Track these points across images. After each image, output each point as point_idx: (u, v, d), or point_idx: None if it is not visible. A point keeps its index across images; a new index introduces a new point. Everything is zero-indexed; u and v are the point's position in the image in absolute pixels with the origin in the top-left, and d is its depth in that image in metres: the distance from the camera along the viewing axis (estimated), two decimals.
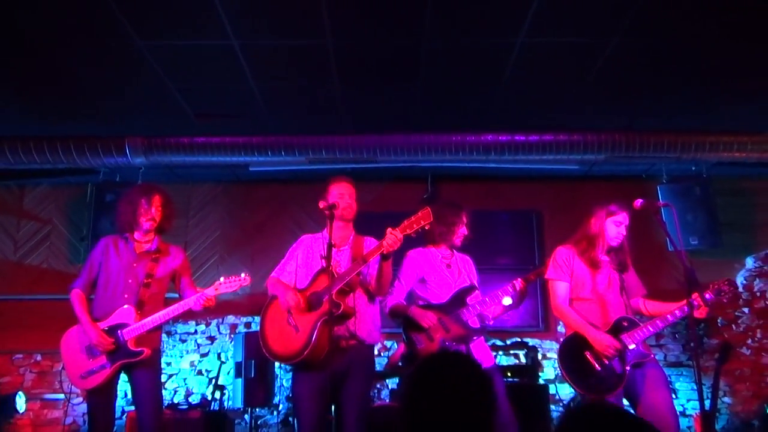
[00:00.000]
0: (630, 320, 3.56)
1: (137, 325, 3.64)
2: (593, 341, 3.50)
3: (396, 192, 6.47)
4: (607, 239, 3.69)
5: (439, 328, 3.69)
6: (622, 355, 3.47)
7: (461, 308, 3.76)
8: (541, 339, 6.29)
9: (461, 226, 3.95)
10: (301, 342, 3.24)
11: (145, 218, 3.78)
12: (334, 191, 3.52)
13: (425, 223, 3.16)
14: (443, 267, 3.94)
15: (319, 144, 5.56)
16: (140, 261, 3.81)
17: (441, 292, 3.86)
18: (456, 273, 3.97)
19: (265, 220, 6.71)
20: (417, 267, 3.92)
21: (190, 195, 6.78)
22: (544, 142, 5.53)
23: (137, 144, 5.57)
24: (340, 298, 3.22)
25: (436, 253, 3.97)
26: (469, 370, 1.66)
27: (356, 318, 3.37)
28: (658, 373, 3.50)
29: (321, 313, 3.24)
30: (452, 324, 3.72)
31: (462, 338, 3.71)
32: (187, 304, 3.69)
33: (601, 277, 3.68)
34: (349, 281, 3.27)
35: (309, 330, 3.24)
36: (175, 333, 6.43)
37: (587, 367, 3.50)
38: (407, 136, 5.55)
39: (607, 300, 3.63)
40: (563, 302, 3.68)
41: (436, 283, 3.89)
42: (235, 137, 5.58)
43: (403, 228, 3.18)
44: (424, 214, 3.17)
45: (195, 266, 6.37)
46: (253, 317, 6.44)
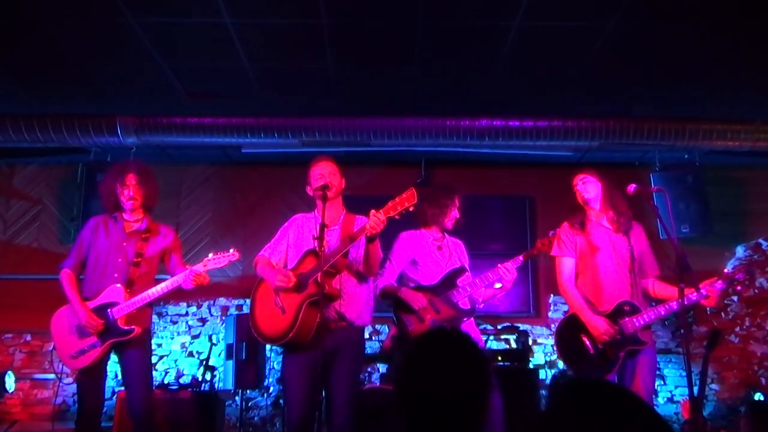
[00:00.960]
0: (632, 305, 3.53)
1: (127, 303, 3.62)
2: (589, 325, 3.51)
3: (389, 176, 6.45)
4: (589, 203, 3.73)
5: (429, 310, 3.70)
6: (618, 341, 3.46)
7: (451, 290, 3.77)
8: (532, 324, 6.31)
9: (453, 209, 3.95)
10: (286, 323, 3.25)
11: (124, 198, 3.76)
12: (315, 172, 3.49)
13: (409, 205, 3.13)
14: (434, 249, 3.94)
15: (313, 126, 5.52)
16: (130, 240, 3.79)
17: (432, 274, 3.86)
18: (447, 255, 3.97)
19: (258, 202, 6.68)
20: (408, 248, 3.92)
21: (182, 176, 6.74)
22: (539, 128, 5.51)
23: (128, 123, 5.51)
24: (325, 280, 3.21)
25: (427, 235, 3.98)
26: (466, 347, 1.64)
27: (344, 300, 3.36)
28: (648, 359, 3.52)
29: (306, 295, 3.25)
30: (442, 305, 3.72)
31: (452, 319, 3.72)
32: (176, 282, 3.67)
33: (607, 253, 3.65)
34: (335, 263, 3.26)
35: (294, 311, 3.24)
36: (166, 314, 6.42)
37: (581, 349, 3.52)
38: (401, 119, 5.52)
39: (613, 278, 3.60)
40: (568, 280, 3.69)
41: (427, 265, 3.89)
42: (228, 118, 5.53)
43: (387, 210, 3.15)
44: (408, 195, 3.15)
45: (186, 248, 6.34)
46: (244, 300, 6.43)
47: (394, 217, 3.16)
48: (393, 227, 3.34)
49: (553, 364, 6.19)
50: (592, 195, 3.73)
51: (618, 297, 3.55)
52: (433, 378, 1.55)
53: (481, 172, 6.59)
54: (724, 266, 6.46)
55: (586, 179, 3.76)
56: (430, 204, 3.89)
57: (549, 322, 6.38)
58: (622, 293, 3.56)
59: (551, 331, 6.32)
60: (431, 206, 3.90)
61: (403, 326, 3.71)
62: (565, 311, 6.30)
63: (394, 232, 3.59)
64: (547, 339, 6.33)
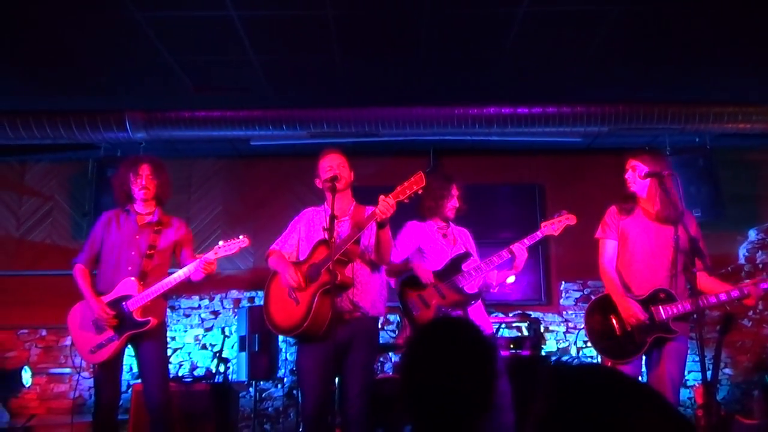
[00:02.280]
0: (668, 293, 3.48)
1: (141, 295, 3.65)
2: (621, 307, 3.49)
3: (398, 166, 6.44)
4: (637, 194, 3.64)
5: (434, 294, 3.71)
6: (646, 326, 3.44)
7: (456, 275, 3.78)
8: (544, 312, 6.32)
9: (451, 198, 3.95)
10: (300, 313, 3.27)
11: (137, 188, 3.78)
12: (324, 164, 3.51)
13: (418, 188, 3.14)
14: (439, 237, 3.98)
15: (321, 117, 5.53)
16: (142, 233, 3.82)
17: (437, 261, 3.88)
18: (452, 242, 3.99)
19: (267, 194, 6.71)
20: (414, 237, 3.96)
21: (192, 170, 6.78)
22: (547, 115, 5.49)
23: (137, 118, 5.55)
24: (338, 269, 3.23)
25: (432, 225, 4.02)
26: (471, 335, 1.63)
27: (357, 289, 3.38)
28: (678, 347, 3.47)
29: (319, 284, 3.26)
30: (448, 290, 3.74)
31: (458, 303, 3.73)
32: (189, 271, 3.69)
33: (649, 241, 3.59)
34: (347, 251, 3.27)
35: (308, 301, 3.26)
36: (179, 308, 6.47)
37: (609, 330, 3.51)
38: (409, 109, 5.52)
39: (651, 266, 3.55)
40: (608, 262, 3.64)
41: (433, 253, 3.92)
42: (236, 111, 5.55)
43: (396, 194, 3.16)
44: (416, 178, 3.15)
45: (197, 241, 6.35)
46: (256, 292, 6.48)
47: (403, 201, 3.16)
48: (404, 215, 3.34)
49: (566, 351, 6.20)
50: (638, 185, 3.61)
51: (655, 284, 3.51)
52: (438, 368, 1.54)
53: (490, 159, 6.58)
54: (737, 250, 6.44)
55: (636, 167, 3.60)
56: (426, 196, 3.89)
57: (560, 309, 6.38)
58: (660, 281, 3.51)
59: (563, 318, 6.33)
60: (427, 198, 3.91)
61: (408, 312, 3.73)
62: (577, 298, 6.34)
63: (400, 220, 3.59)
64: (559, 326, 6.33)
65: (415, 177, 3.16)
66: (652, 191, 3.58)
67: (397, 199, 3.15)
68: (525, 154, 6.59)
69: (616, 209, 3.70)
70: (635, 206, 3.65)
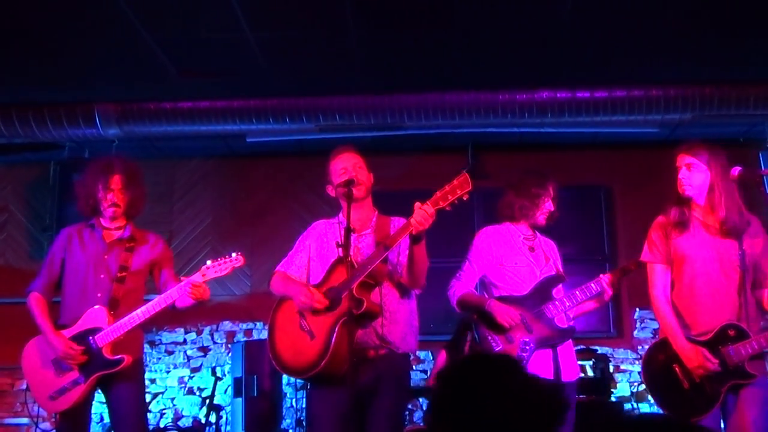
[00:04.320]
0: (738, 329, 3.40)
1: (112, 327, 3.66)
2: (683, 354, 3.41)
3: (428, 165, 6.42)
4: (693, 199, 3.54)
5: (519, 327, 3.68)
6: (718, 374, 3.37)
7: (546, 303, 3.73)
8: (614, 347, 6.25)
9: (547, 200, 3.91)
10: (316, 350, 3.23)
11: (106, 204, 3.81)
12: (336, 166, 3.50)
13: (462, 193, 3.09)
14: (525, 250, 3.90)
15: (332, 107, 5.54)
16: (111, 251, 3.84)
17: (521, 282, 3.82)
18: (541, 258, 3.92)
19: (267, 203, 6.73)
20: (493, 247, 3.88)
21: (175, 174, 6.82)
22: (614, 100, 5.45)
23: (109, 111, 5.60)
24: (362, 294, 3.19)
25: (515, 232, 3.94)
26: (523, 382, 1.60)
27: (385, 318, 3.34)
28: (757, 392, 3.38)
29: (340, 314, 3.21)
30: (535, 322, 3.69)
31: (547, 341, 3.68)
32: (170, 297, 3.69)
33: (709, 261, 3.49)
34: (373, 272, 3.24)
35: (326, 335, 3.23)
36: (160, 343, 6.50)
37: (674, 383, 3.45)
38: (442, 94, 5.50)
39: (715, 294, 3.46)
40: (660, 293, 3.57)
41: (516, 270, 3.84)
42: (228, 101, 5.58)
43: (436, 200, 3.11)
44: (461, 180, 3.10)
45: (181, 261, 6.41)
46: (254, 323, 6.49)
47: (444, 209, 3.13)
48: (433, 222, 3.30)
49: (642, 397, 6.11)
50: (695, 187, 3.52)
51: (721, 317, 3.43)
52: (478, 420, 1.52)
53: (542, 157, 6.51)
54: None
55: (693, 165, 3.50)
56: (519, 194, 3.87)
57: (635, 343, 6.29)
58: (727, 312, 3.43)
59: (638, 354, 6.24)
60: (520, 196, 3.87)
61: (486, 346, 3.69)
62: (656, 329, 6.25)
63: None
64: (633, 365, 6.24)
65: (459, 178, 3.11)
66: (716, 196, 3.47)
67: (437, 206, 3.11)
68: (587, 149, 6.53)
69: (664, 223, 3.60)
70: (689, 216, 3.55)
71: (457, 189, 3.09)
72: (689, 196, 3.54)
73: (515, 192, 3.90)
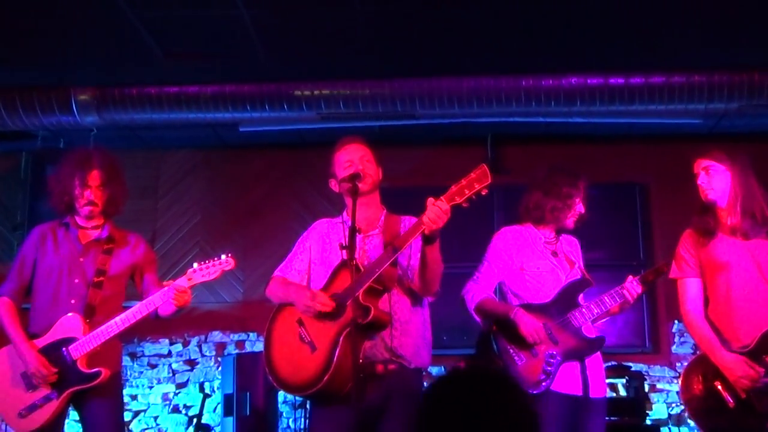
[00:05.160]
0: None
1: (88, 337, 3.65)
2: (723, 367, 3.44)
3: (443, 159, 6.41)
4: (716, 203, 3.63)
5: (544, 339, 3.67)
6: (766, 386, 3.38)
7: (572, 310, 3.73)
8: (649, 364, 6.23)
9: (579, 200, 3.92)
10: (318, 364, 3.21)
11: (82, 202, 3.81)
12: (341, 159, 3.49)
13: (481, 187, 3.07)
14: (548, 254, 3.91)
15: (336, 93, 5.53)
16: (88, 253, 3.83)
17: (544, 288, 3.82)
18: (565, 263, 3.93)
19: (262, 199, 6.73)
20: (514, 250, 3.89)
21: (160, 167, 6.83)
22: (652, 87, 5.42)
23: (87, 96, 5.60)
24: (369, 301, 3.17)
25: (536, 235, 3.94)
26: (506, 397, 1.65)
27: (395, 329, 3.33)
28: None
29: (344, 323, 3.19)
30: (561, 332, 3.69)
31: (575, 352, 3.68)
32: (151, 304, 3.68)
33: (743, 268, 3.55)
34: (381, 277, 3.22)
35: (329, 347, 3.20)
36: (142, 355, 6.51)
37: (718, 404, 3.45)
38: (458, 80, 5.48)
39: (753, 302, 3.51)
40: (693, 309, 3.63)
41: (539, 275, 3.85)
42: (220, 85, 5.58)
43: (451, 195, 3.07)
44: (479, 174, 3.08)
45: (166, 264, 6.42)
46: (247, 333, 6.49)
47: (461, 205, 3.10)
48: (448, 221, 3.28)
49: (681, 420, 6.08)
50: (717, 190, 3.62)
51: (761, 325, 3.47)
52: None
53: (570, 150, 6.50)
54: None
55: (711, 167, 3.63)
56: (549, 194, 3.86)
57: (673, 359, 6.27)
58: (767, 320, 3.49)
59: (676, 372, 6.22)
60: (550, 197, 3.86)
61: (508, 361, 3.69)
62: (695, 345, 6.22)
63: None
64: (670, 384, 6.22)
65: (476, 171, 3.09)
66: (733, 196, 3.59)
67: (452, 203, 3.08)
68: (620, 142, 6.53)
69: (692, 235, 3.69)
70: (716, 222, 3.63)
71: (475, 183, 3.07)
72: (712, 200, 3.64)
73: (544, 192, 3.88)
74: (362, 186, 3.35)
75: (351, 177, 3.34)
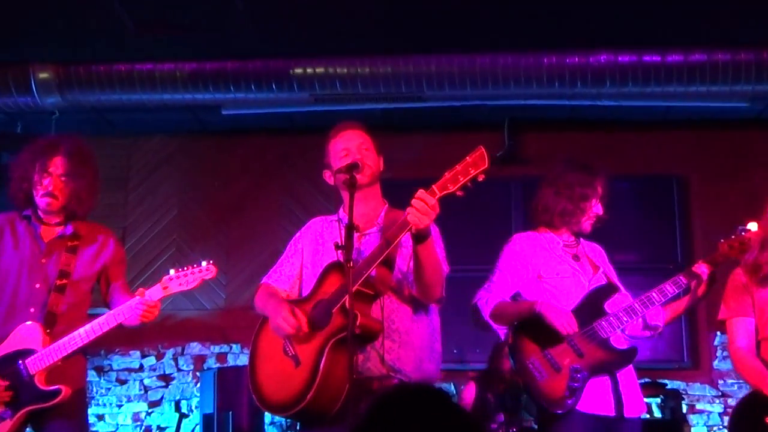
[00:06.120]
0: None
1: (47, 350, 3.65)
2: None
3: (453, 148, 6.22)
4: None
5: (567, 351, 3.68)
6: None
7: (598, 319, 3.74)
8: (688, 381, 6.23)
9: (595, 201, 3.92)
10: (301, 380, 3.21)
11: (40, 191, 3.78)
12: (337, 147, 3.48)
13: (477, 172, 3.03)
14: (568, 259, 3.93)
15: (331, 72, 5.53)
16: (51, 253, 3.81)
17: (566, 295, 3.83)
18: (588, 267, 3.95)
19: (248, 193, 6.73)
20: (529, 257, 3.90)
21: (131, 155, 6.83)
22: (691, 65, 5.42)
23: (48, 74, 5.60)
24: (359, 306, 3.17)
25: (554, 239, 3.96)
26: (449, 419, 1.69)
27: (393, 340, 3.32)
28: None
29: (329, 333, 3.20)
30: (586, 344, 3.69)
31: (603, 366, 3.69)
32: (120, 315, 3.67)
33: None
34: (370, 279, 3.22)
35: (312, 360, 3.20)
36: (110, 369, 6.51)
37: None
38: (471, 57, 5.48)
39: None
40: (742, 343, 3.65)
41: (559, 282, 3.87)
42: (199, 62, 5.58)
43: (444, 184, 3.03)
44: (475, 157, 3.04)
45: (137, 267, 6.43)
46: (229, 345, 6.49)
47: (454, 194, 3.08)
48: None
49: None
50: None
51: None
52: None
53: (598, 138, 6.51)
54: None
55: None
56: (559, 195, 3.87)
57: (714, 376, 6.27)
58: None
59: (718, 390, 6.22)
60: (561, 198, 3.87)
61: (527, 378, 3.70)
62: None
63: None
64: (712, 404, 6.23)
65: (473, 155, 3.05)
66: None
67: (444, 192, 3.05)
68: (656, 129, 6.53)
69: (743, 274, 3.68)
70: None
71: (470, 168, 3.04)
72: None
73: (554, 191, 3.88)
74: (361, 178, 3.34)
75: (348, 167, 3.33)
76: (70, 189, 3.81)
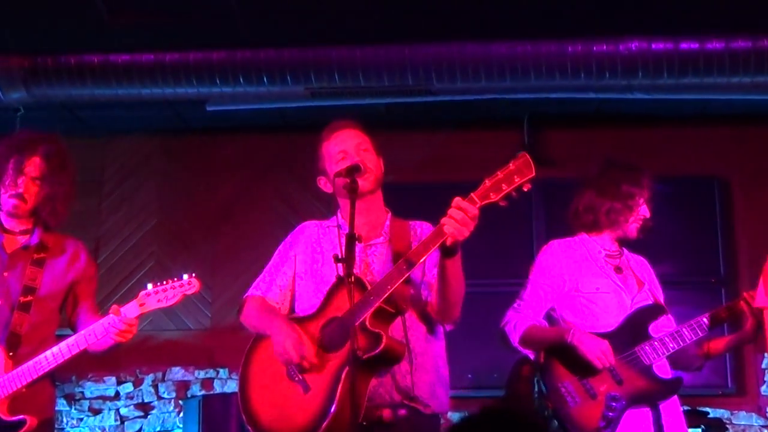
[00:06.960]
0: None
1: (10, 375, 3.65)
2: None
3: (466, 148, 6.42)
4: None
5: (605, 377, 3.68)
6: None
7: (641, 343, 3.74)
8: (732, 409, 6.23)
9: (642, 202, 3.94)
10: (314, 409, 3.21)
11: (8, 192, 3.78)
12: (332, 149, 3.50)
13: (523, 181, 3.04)
14: (610, 271, 3.93)
15: (329, 63, 5.53)
16: (14, 266, 3.81)
17: (605, 314, 3.84)
18: (632, 282, 3.95)
19: (236, 198, 6.75)
20: (566, 267, 3.92)
21: (105, 156, 6.85)
22: (734, 53, 5.41)
23: (12, 67, 5.61)
24: (378, 326, 3.18)
25: (595, 246, 3.97)
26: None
27: (409, 362, 3.33)
28: None
29: (346, 356, 3.20)
30: (626, 370, 3.70)
31: (643, 396, 3.70)
32: (91, 336, 3.66)
33: None
34: (392, 296, 3.22)
35: (327, 386, 3.20)
36: (82, 398, 6.50)
37: None
38: (486, 45, 5.49)
39: None
40: None
41: (599, 298, 3.88)
42: (182, 53, 5.59)
43: (485, 192, 3.04)
44: (519, 164, 3.04)
45: (112, 282, 6.44)
46: (215, 370, 6.49)
47: (496, 203, 3.08)
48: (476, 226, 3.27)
49: None
50: None
51: None
52: None
53: (628, 135, 6.53)
54: None
55: None
56: (604, 194, 3.89)
57: (762, 403, 6.27)
58: None
59: (766, 420, 6.21)
60: (605, 197, 3.90)
61: (558, 402, 3.70)
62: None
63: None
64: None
65: (516, 161, 3.05)
66: None
67: (486, 201, 3.06)
68: (694, 125, 6.55)
69: None
70: None
71: (515, 176, 3.04)
72: None
73: (597, 190, 3.90)
74: (363, 183, 3.35)
75: (349, 170, 3.33)
76: (44, 194, 3.80)
